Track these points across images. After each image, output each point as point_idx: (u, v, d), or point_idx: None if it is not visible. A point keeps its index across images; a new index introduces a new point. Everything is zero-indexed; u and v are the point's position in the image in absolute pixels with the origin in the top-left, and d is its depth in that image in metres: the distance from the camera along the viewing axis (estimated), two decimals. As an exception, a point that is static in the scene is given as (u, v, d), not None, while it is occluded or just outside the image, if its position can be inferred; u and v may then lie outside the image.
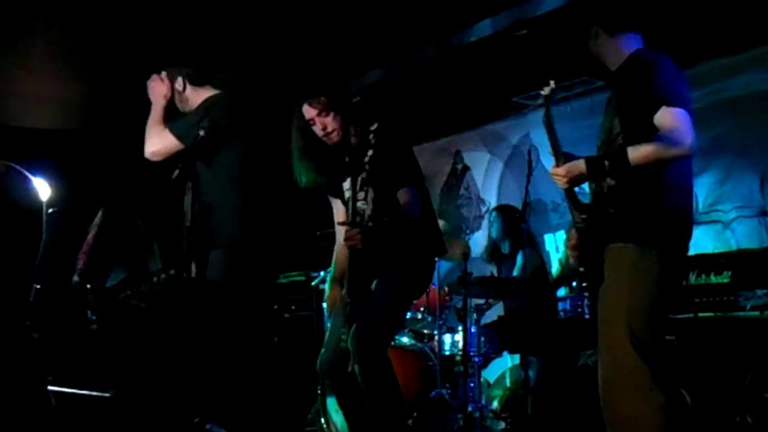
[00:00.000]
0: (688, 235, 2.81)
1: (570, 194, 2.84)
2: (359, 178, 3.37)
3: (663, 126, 2.63)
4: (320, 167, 3.46)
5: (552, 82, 2.89)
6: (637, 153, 2.63)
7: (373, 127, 3.45)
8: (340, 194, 3.54)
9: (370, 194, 3.37)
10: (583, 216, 2.82)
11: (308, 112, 3.38)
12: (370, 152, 3.39)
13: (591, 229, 2.82)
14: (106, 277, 5.83)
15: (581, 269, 4.47)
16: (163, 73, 3.64)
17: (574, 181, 2.77)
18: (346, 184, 3.49)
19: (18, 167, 2.03)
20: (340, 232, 3.51)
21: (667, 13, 3.58)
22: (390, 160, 3.38)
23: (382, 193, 3.38)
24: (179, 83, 3.60)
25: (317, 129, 3.40)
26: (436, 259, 4.89)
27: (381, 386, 3.30)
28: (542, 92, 2.88)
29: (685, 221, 2.80)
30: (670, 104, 2.64)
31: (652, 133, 2.64)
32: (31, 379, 1.93)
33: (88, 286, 5.78)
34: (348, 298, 3.35)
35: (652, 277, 2.69)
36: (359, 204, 3.35)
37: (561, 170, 2.76)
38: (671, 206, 2.75)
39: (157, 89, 3.63)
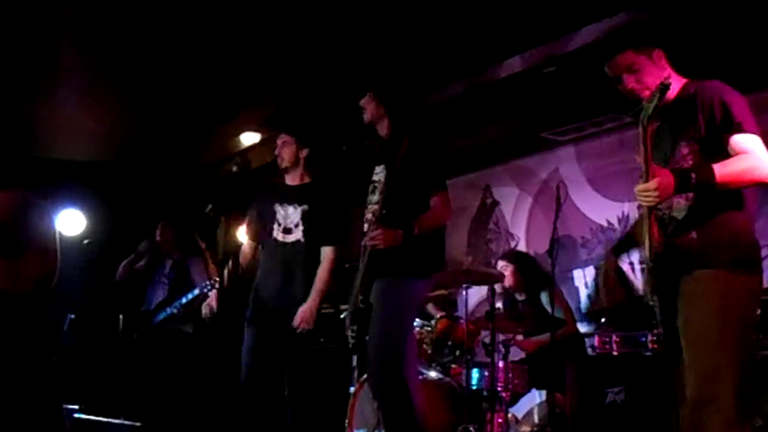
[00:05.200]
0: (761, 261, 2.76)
1: (651, 213, 2.71)
2: (382, 179, 3.48)
3: (747, 150, 2.63)
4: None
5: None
6: (724, 169, 2.61)
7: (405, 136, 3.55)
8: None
9: (390, 199, 3.44)
10: (663, 240, 2.71)
11: None
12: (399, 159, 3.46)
13: (666, 256, 2.71)
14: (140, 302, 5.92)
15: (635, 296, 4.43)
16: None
17: (664, 195, 2.65)
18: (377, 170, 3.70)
19: (32, 194, 2.09)
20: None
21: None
22: (422, 164, 3.52)
23: (398, 197, 3.46)
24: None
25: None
26: (466, 287, 4.96)
27: (398, 413, 3.36)
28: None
29: (756, 240, 2.76)
30: (749, 131, 2.65)
31: (725, 157, 2.63)
32: (46, 402, 1.97)
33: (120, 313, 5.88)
34: (362, 303, 3.46)
35: (744, 304, 2.66)
36: (373, 206, 3.46)
37: (652, 184, 2.62)
38: (749, 231, 2.73)
39: None
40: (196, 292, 5.38)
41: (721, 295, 2.62)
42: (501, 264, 5.52)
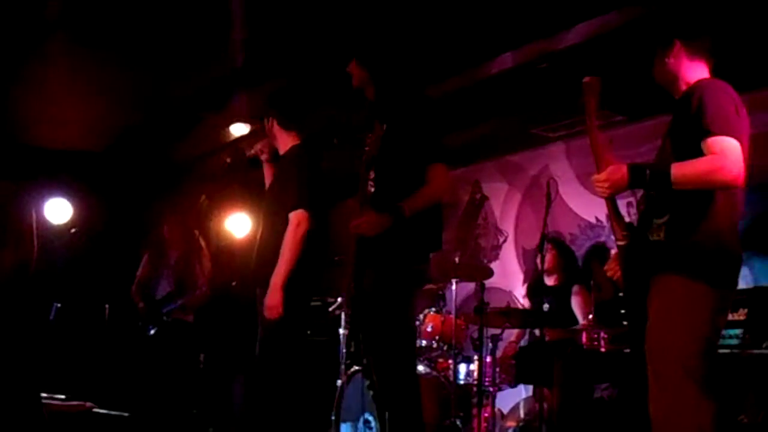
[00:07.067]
0: (738, 269, 2.68)
1: (611, 206, 2.74)
2: (372, 156, 3.22)
3: (710, 153, 2.56)
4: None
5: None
6: (678, 170, 2.57)
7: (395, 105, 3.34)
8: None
9: (378, 174, 3.21)
10: (625, 233, 2.72)
11: None
12: (385, 126, 3.24)
13: (634, 253, 2.71)
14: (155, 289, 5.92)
15: (620, 294, 4.44)
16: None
17: (616, 187, 2.67)
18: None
19: (7, 183, 2.08)
20: None
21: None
22: (412, 132, 3.23)
23: (392, 174, 3.22)
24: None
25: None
26: (455, 282, 4.94)
27: (404, 416, 3.15)
28: (585, 80, 2.84)
29: (736, 254, 2.67)
30: (720, 134, 2.56)
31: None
32: (21, 390, 1.96)
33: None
34: (355, 290, 3.23)
35: (703, 312, 2.58)
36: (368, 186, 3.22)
37: (602, 175, 2.67)
38: (723, 238, 2.63)
39: None
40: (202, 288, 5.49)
41: (680, 304, 2.57)
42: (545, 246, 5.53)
